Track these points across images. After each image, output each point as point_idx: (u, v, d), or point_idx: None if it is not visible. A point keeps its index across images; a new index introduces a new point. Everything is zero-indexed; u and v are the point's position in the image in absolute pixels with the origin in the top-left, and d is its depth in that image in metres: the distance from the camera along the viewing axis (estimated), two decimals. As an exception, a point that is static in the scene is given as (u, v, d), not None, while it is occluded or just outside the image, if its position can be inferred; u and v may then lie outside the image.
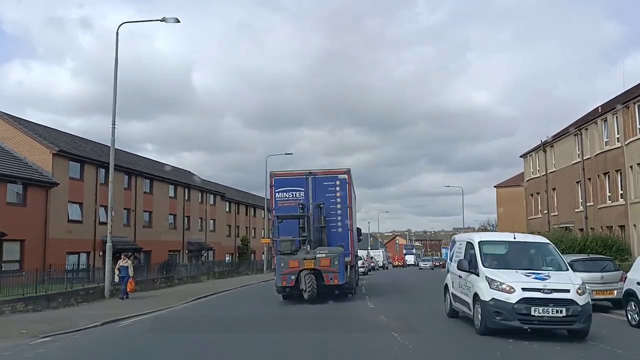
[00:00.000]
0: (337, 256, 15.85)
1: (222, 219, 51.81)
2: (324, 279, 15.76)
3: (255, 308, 16.69)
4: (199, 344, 9.77)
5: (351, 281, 17.48)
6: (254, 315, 14.57)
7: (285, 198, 17.42)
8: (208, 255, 47.74)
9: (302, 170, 17.97)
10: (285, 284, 15.99)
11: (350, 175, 17.62)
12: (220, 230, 51.00)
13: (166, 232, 40.55)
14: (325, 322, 12.83)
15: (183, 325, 12.77)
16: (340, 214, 17.33)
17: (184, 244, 43.03)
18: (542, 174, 38.36)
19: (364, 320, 12.83)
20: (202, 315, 15.09)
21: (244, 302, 19.02)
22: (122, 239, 34.15)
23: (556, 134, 37.02)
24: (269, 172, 18.32)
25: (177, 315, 15.17)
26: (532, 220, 40.74)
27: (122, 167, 35.25)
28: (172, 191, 42.06)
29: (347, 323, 12.49)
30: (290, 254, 16.01)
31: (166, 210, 40.82)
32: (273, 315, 14.46)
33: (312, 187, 17.25)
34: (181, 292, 23.42)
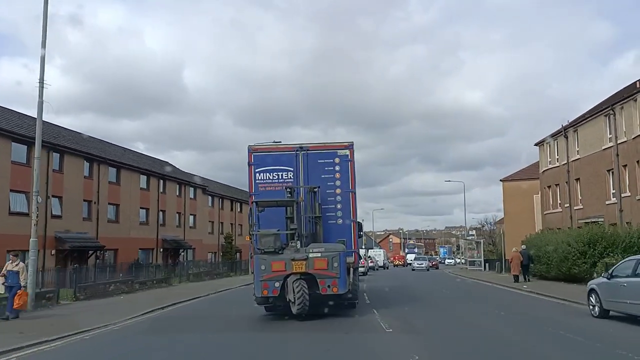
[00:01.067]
0: (337, 256, 11.98)
1: (204, 215, 46.93)
2: (320, 286, 11.89)
3: (214, 333, 11.58)
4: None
5: (355, 289, 13.47)
6: (206, 350, 9.38)
7: (268, 180, 13.67)
8: (187, 255, 42.86)
9: (291, 143, 14.22)
10: (266, 294, 12.06)
11: (353, 151, 13.88)
12: (202, 227, 46.12)
13: (136, 228, 35.64)
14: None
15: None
16: (340, 201, 13.60)
17: (157, 242, 38.12)
18: (562, 163, 33.92)
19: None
20: (116, 353, 9.37)
21: (207, 319, 14.17)
22: (80, 236, 29.30)
23: (580, 117, 32.64)
24: (247, 147, 14.11)
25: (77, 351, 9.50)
26: (550, 216, 36.30)
27: (81, 152, 30.36)
28: (144, 182, 37.12)
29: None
30: (274, 252, 12.07)
31: (136, 203, 35.89)
32: (238, 350, 9.21)
33: (304, 165, 13.63)
34: (137, 300, 18.66)
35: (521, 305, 16.30)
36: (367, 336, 10.26)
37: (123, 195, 34.23)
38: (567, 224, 32.57)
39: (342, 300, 12.59)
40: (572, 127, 32.72)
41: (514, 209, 49.89)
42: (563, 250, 23.48)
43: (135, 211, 35.77)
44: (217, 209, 50.30)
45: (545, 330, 10.51)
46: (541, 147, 37.93)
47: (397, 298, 18.73)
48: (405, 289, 24.16)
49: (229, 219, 53.47)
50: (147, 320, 13.60)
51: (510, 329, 10.95)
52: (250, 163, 13.73)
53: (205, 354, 8.93)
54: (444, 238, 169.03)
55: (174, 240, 40.05)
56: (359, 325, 11.74)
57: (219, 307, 17.87)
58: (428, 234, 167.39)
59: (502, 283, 25.71)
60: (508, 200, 50.57)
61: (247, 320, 13.04)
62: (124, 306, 16.45)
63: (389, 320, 11.90)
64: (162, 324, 13.29)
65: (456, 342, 9.46)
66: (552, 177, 35.81)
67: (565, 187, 33.59)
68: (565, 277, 23.79)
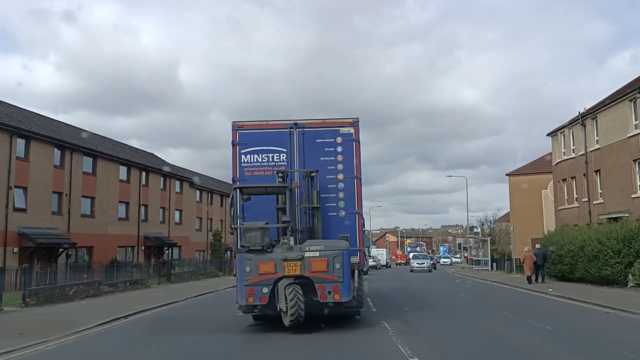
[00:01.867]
0: (339, 255, 9.95)
1: (191, 210, 43.91)
2: (318, 292, 9.89)
3: (186, 349, 8.86)
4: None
5: (360, 295, 11.24)
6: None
7: (256, 163, 11.50)
8: (172, 253, 39.85)
9: (284, 119, 11.93)
10: (252, 301, 9.96)
11: (358, 129, 11.74)
12: (189, 223, 43.11)
13: (114, 223, 32.60)
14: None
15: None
16: (343, 189, 11.47)
17: (139, 239, 35.09)
18: (579, 154, 31.13)
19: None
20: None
21: (173, 335, 11.19)
22: (49, 231, 26.25)
23: (600, 103, 29.87)
24: (232, 123, 11.86)
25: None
26: (565, 211, 33.52)
27: (51, 139, 27.30)
28: (123, 173, 34.09)
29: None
30: (262, 251, 10.05)
31: (115, 196, 32.85)
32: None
33: (300, 145, 11.54)
34: (99, 307, 15.73)
35: (560, 315, 13.49)
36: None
37: (100, 187, 31.20)
38: (585, 220, 29.83)
39: (344, 309, 10.53)
40: (591, 115, 29.93)
41: (521, 205, 47.25)
42: (593, 249, 20.69)
43: (114, 205, 32.73)
44: (205, 204, 47.28)
45: (615, 353, 7.80)
46: (554, 138, 35.14)
47: (412, 304, 15.84)
48: (412, 292, 21.31)
49: (219, 215, 50.44)
50: (90, 339, 10.57)
51: (569, 354, 8.07)
52: (235, 142, 11.53)
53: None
54: (441, 237, 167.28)
55: (158, 237, 37.04)
56: (367, 346, 8.85)
57: (195, 314, 14.90)
58: (424, 232, 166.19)
59: (520, 285, 22.97)
60: (515, 195, 47.86)
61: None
62: (77, 315, 13.50)
63: (406, 338, 8.96)
64: (110, 341, 10.33)
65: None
66: (567, 170, 33.02)
67: (582, 180, 30.82)
68: (594, 279, 21.06)
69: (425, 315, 13.40)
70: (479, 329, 11.11)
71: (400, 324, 11.42)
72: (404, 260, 74.79)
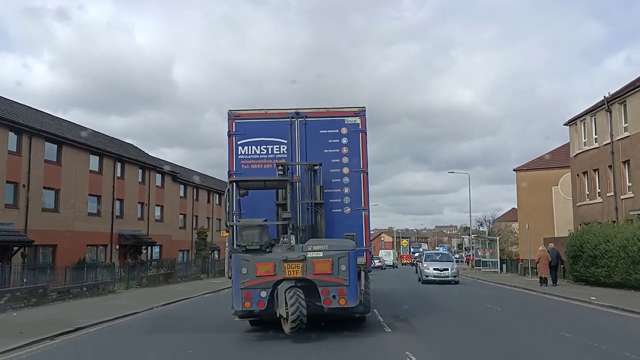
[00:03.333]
0: (345, 256, 9.07)
1: (174, 206, 40.30)
2: (322, 297, 9.03)
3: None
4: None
5: (367, 299, 10.51)
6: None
7: (254, 155, 10.77)
8: (151, 253, 36.28)
9: (285, 108, 11.12)
10: (249, 306, 9.11)
11: (365, 119, 10.90)
12: (171, 220, 39.50)
13: (83, 219, 29.01)
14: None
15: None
16: (348, 184, 10.72)
17: (112, 237, 31.50)
18: (603, 143, 27.90)
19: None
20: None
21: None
22: (1, 227, 22.62)
23: (630, 85, 26.66)
24: (227, 112, 10.95)
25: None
26: (586, 208, 30.28)
27: (4, 120, 23.69)
28: (95, 163, 30.49)
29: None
30: (260, 250, 9.25)
31: (84, 189, 29.26)
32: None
33: (302, 136, 10.84)
34: (25, 322, 12.19)
35: (632, 334, 10.15)
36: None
37: (66, 178, 27.58)
38: (610, 216, 26.63)
39: (350, 313, 9.90)
40: (618, 99, 26.71)
41: (530, 202, 44.06)
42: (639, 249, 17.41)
43: (83, 199, 29.13)
44: (190, 200, 43.66)
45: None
46: (573, 127, 31.92)
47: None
48: (423, 296, 17.90)
49: (205, 212, 46.88)
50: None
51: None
52: (231, 133, 10.74)
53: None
54: (437, 237, 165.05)
55: (134, 235, 33.44)
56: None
57: (147, 337, 11.40)
58: (419, 233, 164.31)
59: (548, 291, 19.64)
60: (522, 192, 44.66)
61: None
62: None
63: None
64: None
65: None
66: (589, 161, 29.80)
67: (607, 173, 27.61)
68: (638, 284, 17.81)
69: (450, 332, 10.06)
70: (528, 353, 7.73)
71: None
72: (409, 261, 76.32)
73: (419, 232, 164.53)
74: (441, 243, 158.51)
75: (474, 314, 13.51)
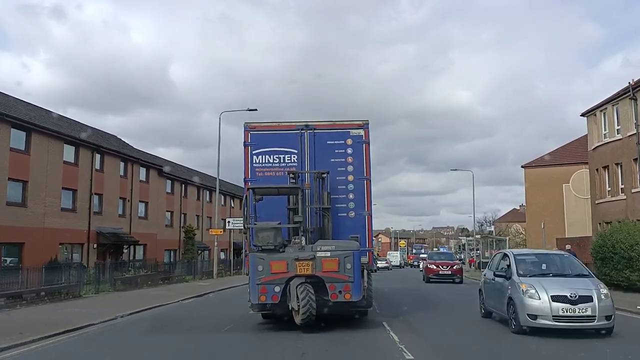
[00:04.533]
0: (350, 256, 9.92)
1: (160, 202, 37.59)
2: (329, 292, 9.92)
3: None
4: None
5: (369, 295, 11.11)
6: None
7: (267, 163, 11.61)
8: (134, 252, 33.60)
9: (295, 121, 11.98)
10: (265, 300, 9.97)
11: (368, 131, 11.82)
12: (156, 218, 36.81)
13: (56, 215, 26.35)
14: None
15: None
16: (352, 190, 11.59)
17: (89, 235, 28.80)
18: (628, 134, 25.41)
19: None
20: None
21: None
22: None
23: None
24: (243, 124, 11.94)
25: None
26: (607, 205, 27.78)
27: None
28: (70, 154, 27.82)
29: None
30: (274, 250, 10.08)
31: (57, 181, 26.59)
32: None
33: (311, 147, 11.69)
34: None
35: None
36: None
37: (35, 169, 24.90)
38: (635, 215, 24.15)
39: (354, 307, 10.65)
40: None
41: (539, 201, 41.61)
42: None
43: (55, 192, 26.44)
44: (178, 196, 40.95)
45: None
46: (591, 118, 29.44)
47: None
48: (437, 304, 15.34)
49: (194, 210, 44.18)
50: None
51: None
52: (247, 143, 11.83)
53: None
54: (435, 238, 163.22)
55: (114, 233, 30.74)
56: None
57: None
58: (416, 234, 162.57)
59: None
60: (531, 190, 42.20)
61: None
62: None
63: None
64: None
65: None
66: (610, 155, 27.31)
67: (632, 166, 25.15)
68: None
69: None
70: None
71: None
72: (409, 261, 79.18)
73: (416, 233, 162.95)
74: (439, 244, 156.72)
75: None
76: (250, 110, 32.36)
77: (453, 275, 27.95)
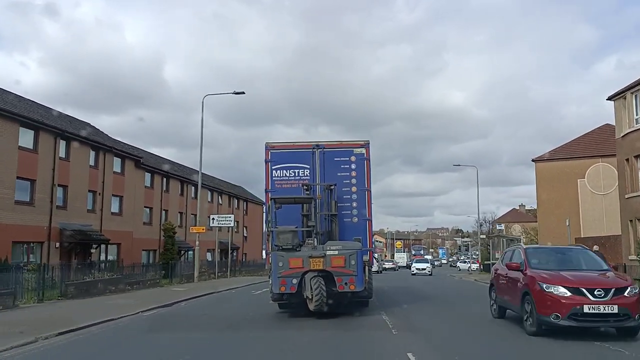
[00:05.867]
0: (354, 254, 12.07)
1: (137, 197, 33.97)
2: (337, 284, 11.96)
3: None
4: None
5: (370, 287, 13.46)
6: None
7: (284, 177, 13.83)
8: (105, 252, 30.00)
9: (307, 141, 14.40)
10: (284, 290, 12.06)
11: (369, 150, 14.04)
12: (132, 214, 33.20)
13: (8, 208, 22.80)
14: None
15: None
16: (356, 199, 13.79)
17: (51, 232, 25.19)
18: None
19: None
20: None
21: None
22: None
23: None
24: (265, 144, 14.03)
25: None
26: (638, 200, 24.49)
27: None
28: (28, 139, 24.22)
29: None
30: (292, 249, 12.13)
31: (11, 170, 23.02)
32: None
33: (320, 163, 13.83)
34: None
35: None
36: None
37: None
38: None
39: (357, 297, 12.86)
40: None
41: (551, 197, 38.38)
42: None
43: (8, 183, 22.85)
44: (159, 190, 37.28)
45: None
46: (619, 102, 26.17)
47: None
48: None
49: (177, 206, 40.51)
50: None
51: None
52: (267, 160, 13.85)
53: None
54: (431, 239, 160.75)
55: (81, 230, 27.11)
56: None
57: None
58: (411, 234, 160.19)
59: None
60: (543, 186, 38.95)
61: None
62: None
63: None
64: None
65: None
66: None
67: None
68: None
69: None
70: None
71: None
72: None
73: (410, 234, 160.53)
74: (435, 245, 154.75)
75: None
76: (236, 94, 29.05)
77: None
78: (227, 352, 8.49)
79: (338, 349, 8.65)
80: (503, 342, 9.49)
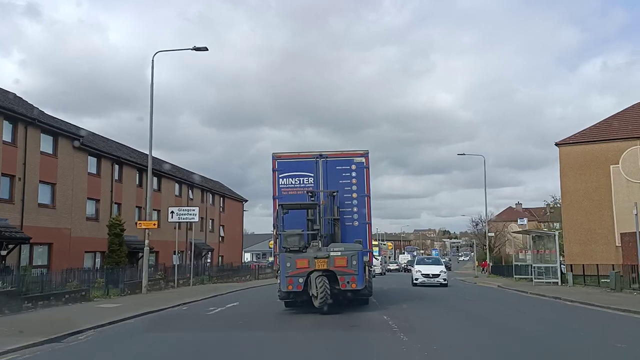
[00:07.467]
0: (355, 255, 13.40)
1: (77, 186, 27.21)
2: (340, 282, 13.29)
3: None
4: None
5: (370, 286, 15.15)
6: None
7: (291, 185, 15.32)
8: (29, 254, 23.25)
9: (311, 151, 15.79)
10: (291, 288, 13.30)
11: (368, 159, 15.57)
12: (69, 207, 26.45)
13: None
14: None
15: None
16: (356, 204, 15.30)
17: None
18: None
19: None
20: None
21: None
22: None
23: None
24: (272, 154, 15.61)
25: None
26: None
27: None
28: None
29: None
30: (299, 251, 13.49)
31: None
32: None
33: (323, 171, 15.34)
34: None
35: None
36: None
37: None
38: None
39: (358, 295, 14.02)
40: None
41: (578, 188, 32.55)
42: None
43: None
44: (108, 179, 30.47)
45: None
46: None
47: None
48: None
49: (135, 199, 33.72)
50: None
51: None
52: (274, 169, 15.30)
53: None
54: (420, 240, 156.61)
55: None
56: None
57: None
58: (399, 236, 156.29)
59: None
60: (568, 173, 33.11)
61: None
62: None
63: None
64: None
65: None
66: None
67: None
68: None
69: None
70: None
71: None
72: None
73: (398, 236, 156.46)
74: (425, 246, 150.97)
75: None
76: (197, 49, 22.77)
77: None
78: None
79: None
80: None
